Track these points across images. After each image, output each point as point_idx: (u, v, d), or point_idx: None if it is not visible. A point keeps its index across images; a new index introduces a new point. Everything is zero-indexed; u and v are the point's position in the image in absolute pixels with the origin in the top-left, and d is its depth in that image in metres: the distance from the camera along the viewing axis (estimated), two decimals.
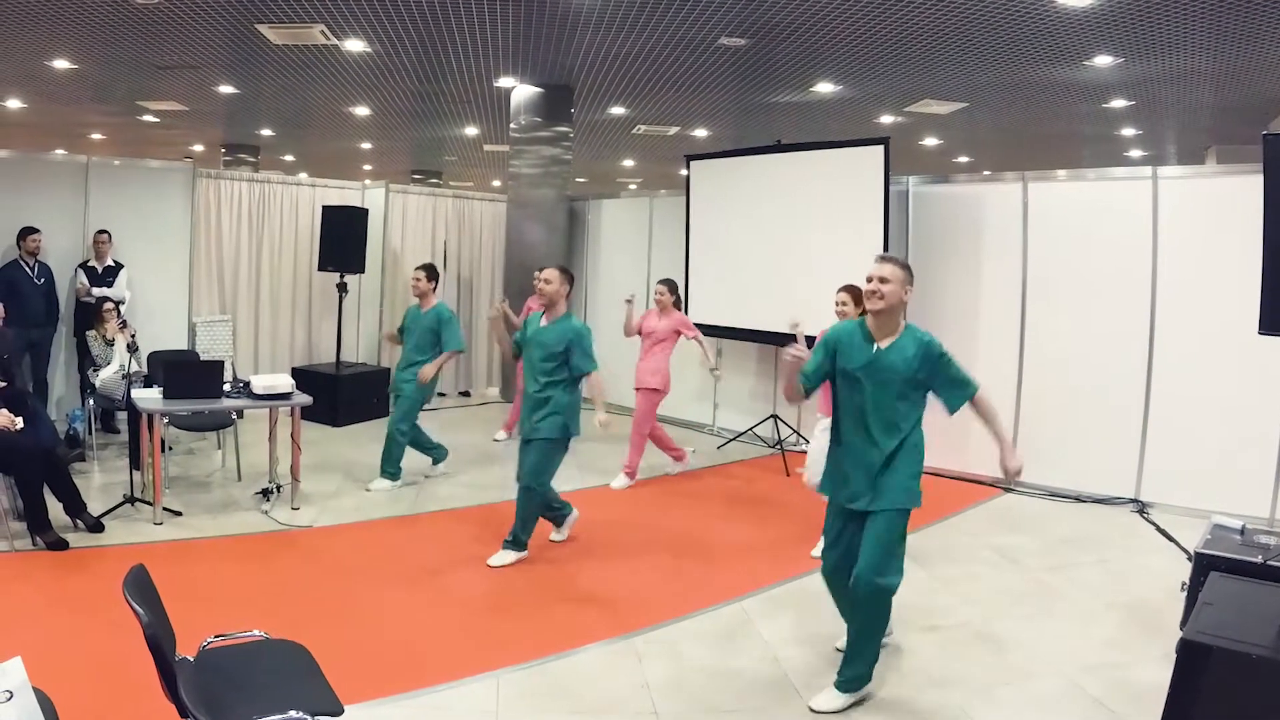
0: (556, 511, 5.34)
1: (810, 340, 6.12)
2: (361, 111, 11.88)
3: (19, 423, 4.98)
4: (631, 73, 9.10)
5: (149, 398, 5.56)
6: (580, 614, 4.36)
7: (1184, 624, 3.68)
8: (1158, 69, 8.00)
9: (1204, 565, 3.75)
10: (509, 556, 5.02)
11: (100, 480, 6.26)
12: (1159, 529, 5.95)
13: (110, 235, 7.76)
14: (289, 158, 17.19)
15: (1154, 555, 5.44)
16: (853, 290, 5.27)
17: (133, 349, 6.60)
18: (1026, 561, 5.28)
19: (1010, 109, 10.13)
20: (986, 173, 13.41)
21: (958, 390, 3.48)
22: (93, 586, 4.33)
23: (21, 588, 4.32)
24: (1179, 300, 6.33)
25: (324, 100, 11.12)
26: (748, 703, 3.53)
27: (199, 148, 15.95)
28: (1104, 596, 4.72)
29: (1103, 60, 7.72)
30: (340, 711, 2.45)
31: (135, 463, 5.98)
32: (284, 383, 5.83)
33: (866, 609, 3.51)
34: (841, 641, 3.84)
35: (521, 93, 9.81)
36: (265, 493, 5.89)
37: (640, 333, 7.18)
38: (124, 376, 6.17)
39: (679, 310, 7.23)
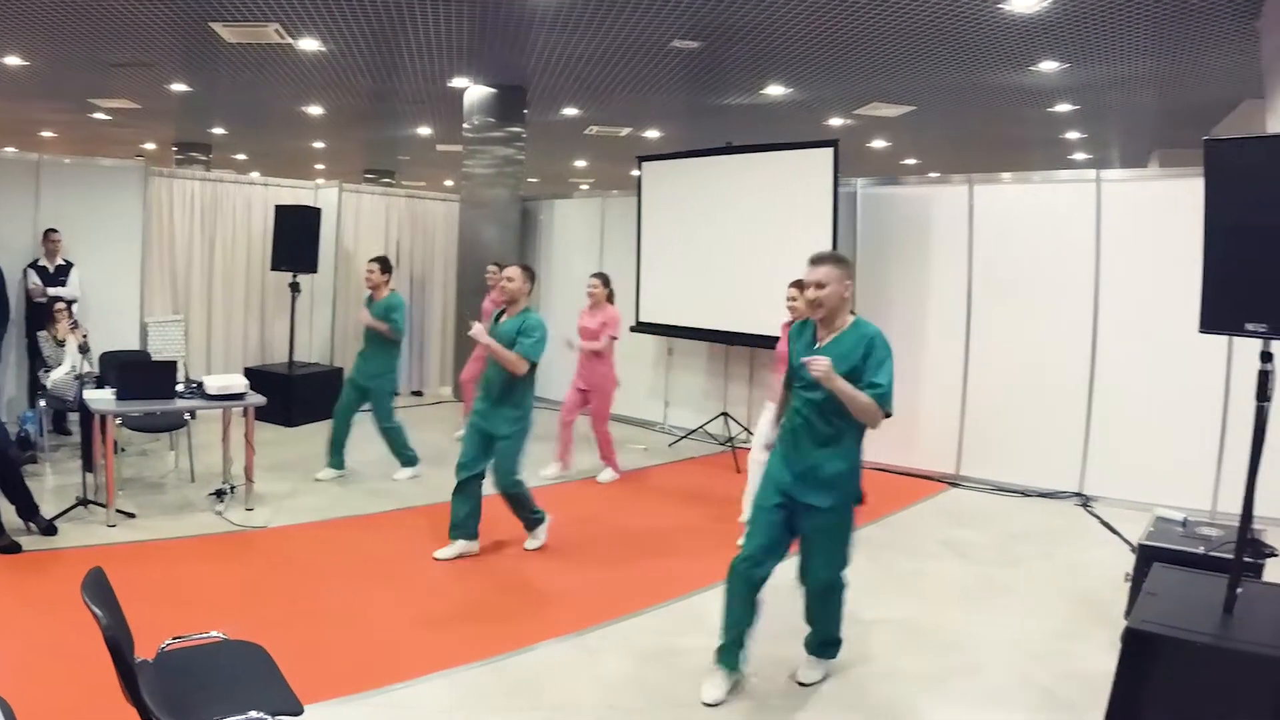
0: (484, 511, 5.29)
1: (771, 340, 6.23)
2: (315, 110, 11.79)
3: None
4: (585, 74, 9.13)
5: (102, 399, 5.50)
6: (535, 611, 4.39)
7: (1129, 614, 3.80)
8: (1102, 74, 8.21)
9: (1147, 557, 3.87)
10: (541, 535, 5.31)
11: (53, 482, 6.18)
12: (1103, 522, 6.11)
13: (60, 234, 7.61)
14: (241, 156, 17.03)
15: (1098, 548, 5.59)
16: (801, 284, 5.33)
17: (84, 350, 6.50)
18: (974, 555, 5.40)
19: (958, 112, 10.32)
20: (933, 175, 13.67)
21: (876, 396, 3.34)
22: (48, 590, 4.28)
23: None
24: (1121, 300, 6.51)
25: (277, 99, 11.01)
26: (699, 697, 3.54)
27: (151, 146, 15.78)
28: (1051, 588, 4.85)
29: (1048, 65, 7.90)
30: (300, 711, 2.45)
31: (88, 464, 5.91)
32: (238, 383, 5.82)
33: (827, 603, 3.62)
34: (801, 673, 3.75)
35: (475, 93, 9.82)
36: (219, 494, 5.86)
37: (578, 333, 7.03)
38: (76, 378, 6.09)
39: (612, 304, 7.00)
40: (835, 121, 10.99)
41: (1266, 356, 3.19)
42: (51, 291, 7.34)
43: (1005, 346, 6.95)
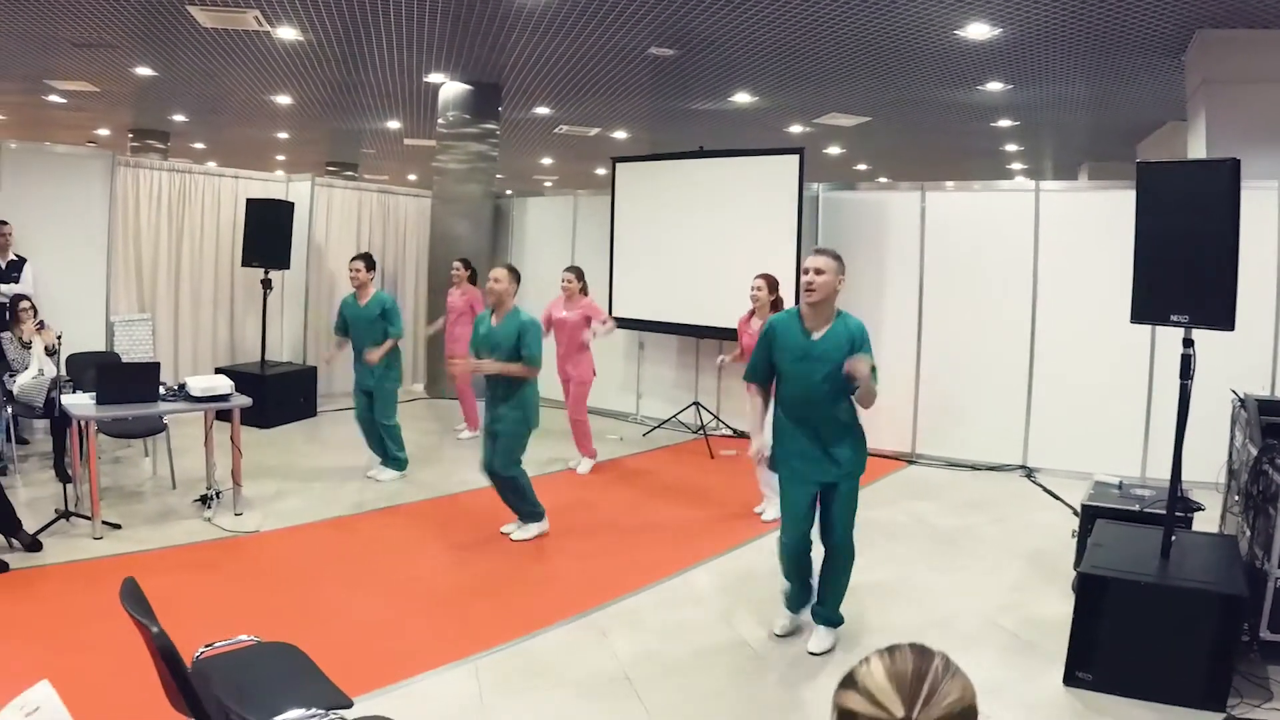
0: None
1: (729, 332, 6.70)
2: (284, 100, 11.66)
3: None
4: (562, 75, 9.44)
5: (83, 404, 5.28)
6: (541, 596, 4.59)
7: (1077, 564, 4.40)
8: (1042, 95, 8.97)
9: (1091, 515, 4.49)
10: (532, 530, 5.41)
11: (24, 495, 5.78)
12: (1046, 490, 6.79)
13: (11, 226, 7.07)
14: (199, 145, 16.63)
15: (1043, 512, 6.24)
16: (767, 278, 5.84)
17: (52, 352, 6.22)
18: (936, 523, 5.95)
19: (908, 124, 11.00)
20: (883, 180, 14.27)
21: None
22: (45, 609, 4.12)
23: None
24: (1056, 295, 7.22)
25: (246, 87, 10.87)
26: (710, 663, 3.90)
27: (105, 132, 15.18)
28: (1005, 548, 5.43)
29: (994, 85, 8.62)
30: (350, 704, 2.51)
31: (62, 474, 5.74)
32: (223, 384, 5.65)
33: (843, 562, 4.03)
34: (778, 625, 4.20)
35: (450, 89, 9.93)
36: (204, 499, 5.69)
37: (550, 325, 6.99)
38: (55, 382, 5.93)
39: (586, 296, 7.16)
40: (795, 129, 11.56)
41: (1188, 343, 3.82)
42: (5, 288, 6.83)
43: (954, 337, 7.57)
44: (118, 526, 5.25)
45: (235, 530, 5.36)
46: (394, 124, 13.27)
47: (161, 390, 5.58)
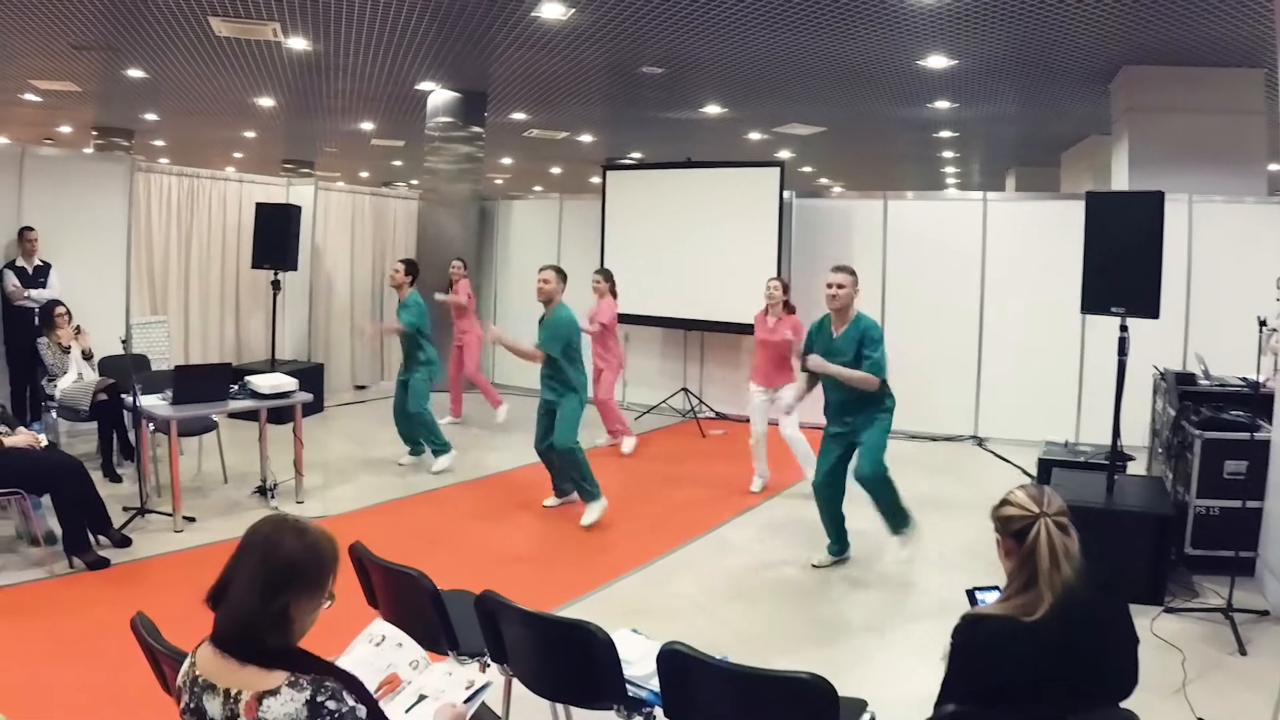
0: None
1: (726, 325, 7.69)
2: (266, 102, 11.68)
3: (43, 440, 5.00)
4: (550, 86, 10.07)
5: (159, 405, 5.59)
6: (608, 553, 5.38)
7: None
8: (982, 112, 10.16)
9: (1047, 466, 5.66)
10: (595, 512, 5.87)
11: None
12: (996, 454, 8.02)
13: (37, 232, 7.09)
14: (159, 143, 16.50)
15: (997, 471, 7.43)
16: (782, 280, 6.88)
17: (89, 355, 6.40)
18: (908, 483, 6.74)
19: (858, 133, 12.11)
20: (824, 180, 15.21)
21: (868, 367, 4.79)
22: (172, 598, 4.22)
23: (103, 612, 4.15)
24: (1001, 289, 8.44)
25: (233, 90, 10.88)
26: (765, 592, 4.82)
27: (67, 129, 14.75)
28: (973, 501, 6.46)
29: (942, 104, 9.75)
30: None
31: (111, 474, 6.16)
32: (287, 382, 6.02)
33: (879, 491, 5.00)
34: (816, 558, 5.18)
35: (439, 96, 10.44)
36: (263, 490, 6.01)
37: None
38: (109, 386, 6.24)
39: (612, 297, 7.81)
40: (753, 135, 12.54)
41: (1124, 328, 4.93)
42: (36, 294, 6.88)
43: (913, 326, 8.64)
44: (193, 520, 5.57)
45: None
46: (367, 125, 13.49)
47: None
